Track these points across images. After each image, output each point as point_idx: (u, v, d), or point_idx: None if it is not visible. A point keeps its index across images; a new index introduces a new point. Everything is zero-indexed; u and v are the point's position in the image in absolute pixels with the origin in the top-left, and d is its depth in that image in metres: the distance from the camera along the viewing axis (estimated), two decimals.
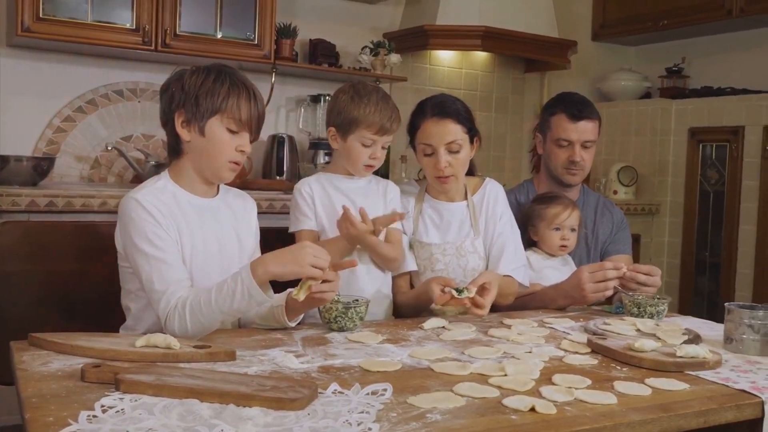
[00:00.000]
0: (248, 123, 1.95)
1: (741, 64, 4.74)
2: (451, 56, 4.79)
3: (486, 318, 2.22)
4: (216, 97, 1.93)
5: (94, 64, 3.74)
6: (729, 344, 1.94)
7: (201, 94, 1.93)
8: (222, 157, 1.96)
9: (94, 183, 3.73)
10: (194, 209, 2.00)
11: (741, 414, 1.54)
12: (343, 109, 2.24)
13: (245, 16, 3.70)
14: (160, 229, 1.89)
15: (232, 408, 1.31)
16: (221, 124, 1.94)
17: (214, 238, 2.01)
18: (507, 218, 2.44)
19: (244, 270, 1.74)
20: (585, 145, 2.72)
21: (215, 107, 1.93)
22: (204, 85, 1.94)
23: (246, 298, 1.73)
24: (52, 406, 1.29)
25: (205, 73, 1.96)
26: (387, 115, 2.24)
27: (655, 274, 2.37)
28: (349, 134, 2.25)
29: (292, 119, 4.28)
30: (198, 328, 1.78)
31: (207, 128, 1.94)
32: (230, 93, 1.93)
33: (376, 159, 2.27)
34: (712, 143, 4.60)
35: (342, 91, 2.30)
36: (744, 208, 4.38)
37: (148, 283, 1.85)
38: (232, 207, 2.11)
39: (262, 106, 2.00)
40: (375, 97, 2.25)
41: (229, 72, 1.98)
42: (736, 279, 4.44)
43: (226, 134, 1.95)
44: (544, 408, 1.40)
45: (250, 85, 1.98)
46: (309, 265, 1.73)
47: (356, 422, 1.28)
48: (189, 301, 1.78)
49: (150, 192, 1.95)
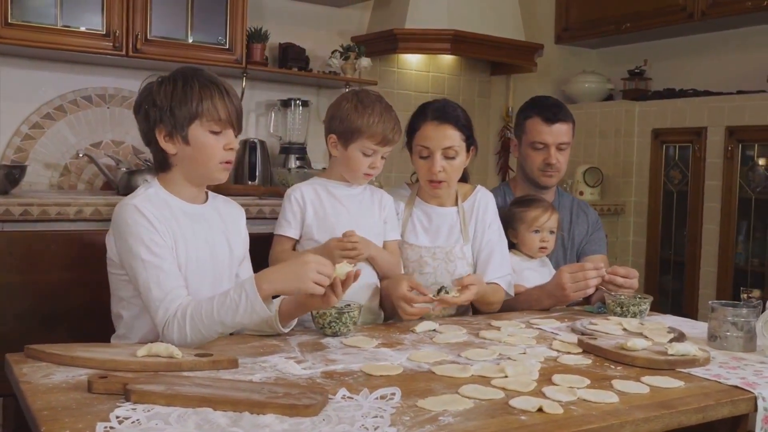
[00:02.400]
0: (229, 120, 1.95)
1: (702, 67, 4.85)
2: (418, 60, 4.82)
3: (474, 320, 2.25)
4: (190, 103, 1.91)
5: (61, 70, 3.69)
6: (713, 341, 2.00)
7: (175, 105, 1.92)
8: (212, 161, 1.96)
9: (64, 190, 3.68)
10: (186, 216, 1.99)
11: (736, 409, 1.59)
12: (346, 118, 2.24)
13: (216, 20, 3.68)
14: (157, 236, 1.88)
15: (247, 416, 1.31)
16: (202, 128, 1.93)
17: (205, 245, 2.01)
18: (496, 227, 2.47)
19: (248, 284, 1.74)
20: (560, 147, 2.76)
21: (192, 113, 1.91)
22: (175, 94, 1.92)
23: (249, 312, 1.74)
24: (66, 419, 1.28)
25: (173, 81, 1.94)
26: (390, 126, 2.24)
27: (632, 277, 2.43)
28: (351, 143, 2.25)
29: (262, 124, 4.27)
30: (197, 338, 1.78)
31: (190, 136, 1.93)
32: (203, 95, 1.91)
33: (375, 168, 2.28)
34: (675, 144, 4.70)
35: (345, 99, 2.30)
36: (707, 207, 4.47)
37: (145, 291, 1.84)
38: (222, 213, 2.10)
39: (238, 100, 1.99)
40: (379, 107, 2.25)
41: (196, 74, 1.96)
42: (700, 277, 4.53)
43: (210, 137, 1.94)
44: (552, 408, 1.43)
45: (220, 81, 1.97)
46: (311, 281, 1.74)
47: (372, 427, 1.29)
48: (190, 311, 1.78)
49: (145, 198, 1.94)
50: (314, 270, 1.74)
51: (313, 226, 2.29)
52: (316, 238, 2.28)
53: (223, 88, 1.95)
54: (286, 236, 2.31)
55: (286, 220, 2.31)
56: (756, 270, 4.28)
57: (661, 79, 5.07)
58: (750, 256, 4.32)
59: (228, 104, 1.94)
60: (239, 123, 1.99)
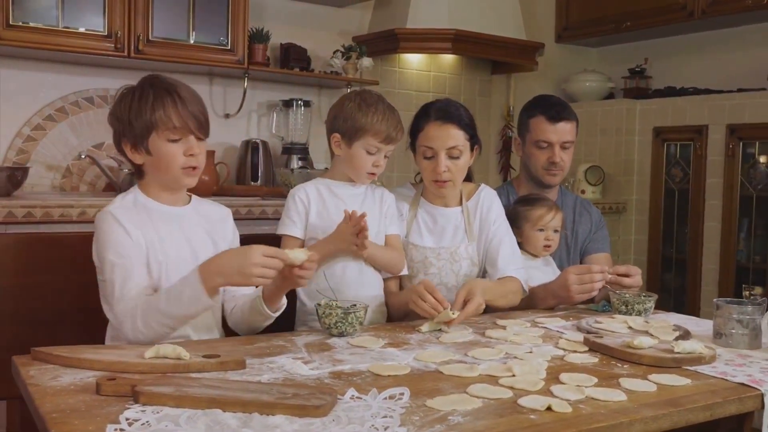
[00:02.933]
0: (185, 126, 1.95)
1: (703, 65, 4.86)
2: (419, 59, 4.82)
3: (479, 319, 2.25)
4: (145, 115, 1.93)
5: (62, 71, 3.69)
6: (719, 339, 2.00)
7: (132, 117, 1.95)
8: (174, 168, 1.97)
9: (66, 192, 3.68)
10: (165, 217, 2.02)
11: (743, 406, 1.59)
12: (350, 116, 2.25)
13: (218, 21, 3.68)
14: (128, 239, 1.92)
15: (257, 417, 1.31)
16: (159, 138, 1.94)
17: (186, 245, 2.03)
18: (501, 222, 2.47)
19: (192, 275, 1.79)
20: (564, 146, 2.77)
21: (148, 124, 1.93)
22: (131, 107, 1.95)
23: (194, 303, 1.79)
24: (75, 421, 1.28)
25: (131, 94, 1.97)
26: (393, 124, 2.26)
27: (634, 274, 2.43)
28: (355, 141, 2.25)
29: (264, 124, 4.27)
30: (150, 333, 1.82)
31: (150, 147, 1.95)
32: (155, 106, 1.93)
33: (378, 167, 2.29)
34: (677, 142, 4.71)
35: (348, 98, 2.31)
36: (708, 205, 4.48)
37: (110, 289, 1.89)
38: (206, 215, 2.12)
39: (196, 105, 1.98)
40: (381, 106, 2.27)
41: (153, 84, 1.98)
42: (701, 275, 4.54)
43: (170, 145, 1.95)
44: (560, 407, 1.43)
45: (174, 89, 1.97)
46: (254, 276, 1.77)
47: (383, 427, 1.29)
48: (142, 306, 1.83)
49: (121, 205, 1.99)
50: (258, 264, 1.76)
51: (317, 226, 2.29)
52: (319, 238, 2.28)
53: (176, 96, 1.95)
54: (293, 236, 2.31)
55: (290, 220, 2.31)
56: (758, 267, 4.29)
57: (661, 78, 5.07)
58: (752, 254, 4.33)
59: (182, 111, 1.94)
60: (201, 126, 1.98)
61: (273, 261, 1.79)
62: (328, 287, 2.16)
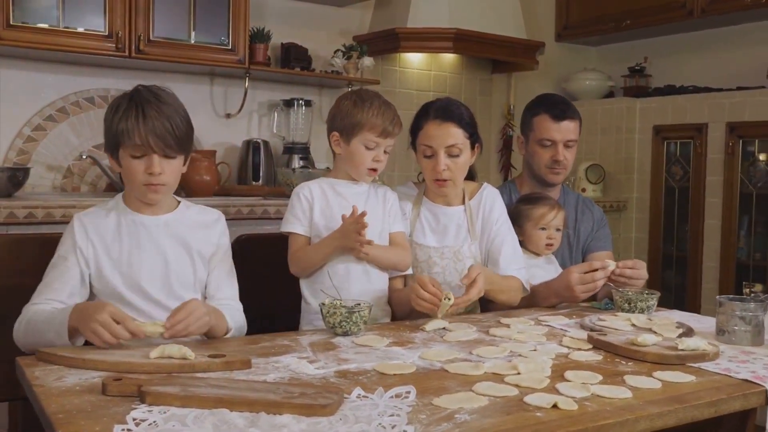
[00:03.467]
0: (146, 143, 1.91)
1: (702, 63, 4.86)
2: (419, 58, 4.83)
3: (483, 318, 2.26)
4: (113, 128, 1.94)
5: (62, 71, 3.68)
6: (721, 336, 2.00)
7: (107, 128, 1.97)
8: (134, 183, 1.97)
9: (67, 193, 3.67)
10: (137, 228, 2.01)
11: (747, 402, 1.59)
12: (347, 114, 2.27)
13: (219, 21, 3.68)
14: (73, 250, 1.95)
15: (264, 416, 1.31)
16: (125, 152, 1.94)
17: (158, 256, 2.00)
18: (504, 221, 2.47)
19: (66, 311, 1.77)
20: (567, 145, 2.77)
21: (116, 138, 1.94)
22: (109, 117, 1.96)
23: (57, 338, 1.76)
24: (81, 421, 1.28)
25: (115, 105, 1.96)
26: (389, 118, 2.27)
27: (640, 267, 2.44)
28: (353, 137, 2.26)
29: (265, 124, 4.27)
30: (29, 343, 1.83)
31: (120, 159, 1.97)
32: (121, 120, 1.92)
33: (379, 162, 2.29)
34: (677, 140, 4.71)
35: (344, 97, 2.33)
36: (708, 203, 4.49)
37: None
38: (191, 222, 2.09)
39: (163, 121, 1.92)
40: (377, 101, 2.28)
41: (132, 96, 1.96)
42: (702, 272, 4.55)
43: (132, 161, 1.94)
44: (566, 404, 1.43)
45: (145, 104, 1.92)
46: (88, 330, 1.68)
47: (390, 425, 1.29)
48: (29, 316, 1.85)
49: (93, 212, 2.02)
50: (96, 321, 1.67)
51: (320, 225, 2.29)
52: (323, 236, 2.28)
53: (141, 112, 1.91)
54: (297, 233, 2.31)
55: (296, 218, 2.31)
56: (758, 264, 4.29)
57: (661, 76, 5.08)
58: (752, 251, 4.34)
59: (142, 128, 1.90)
60: (165, 146, 1.93)
61: (113, 327, 1.67)
62: (332, 286, 2.16)
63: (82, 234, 1.97)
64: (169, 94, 2.01)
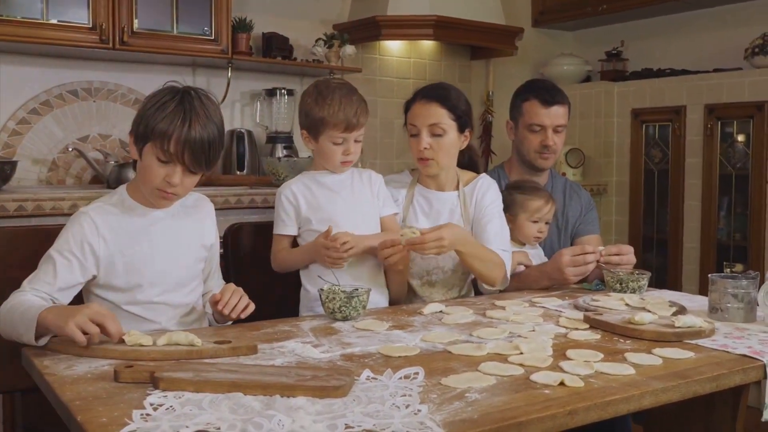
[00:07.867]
0: (177, 154, 1.86)
1: (679, 46, 4.91)
2: (399, 46, 4.83)
3: (477, 300, 2.29)
4: (150, 122, 1.86)
5: (45, 65, 3.65)
6: (714, 314, 2.04)
7: (144, 116, 1.89)
8: (149, 185, 1.92)
9: (53, 185, 3.65)
10: (143, 221, 1.99)
11: (747, 377, 1.64)
12: (309, 112, 2.26)
13: (201, 11, 3.66)
14: (80, 250, 1.90)
15: (279, 399, 1.33)
16: (152, 151, 1.89)
17: (164, 247, 2.00)
18: (496, 206, 2.48)
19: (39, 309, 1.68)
20: (557, 130, 2.81)
21: (148, 133, 1.87)
22: (151, 112, 1.87)
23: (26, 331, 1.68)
24: (99, 408, 1.30)
25: (161, 101, 1.88)
26: (352, 111, 2.23)
27: (626, 253, 2.47)
28: (319, 135, 2.26)
29: (248, 114, 4.26)
30: (5, 332, 1.77)
31: (143, 153, 1.91)
32: (164, 120, 1.85)
33: (350, 154, 2.28)
34: (655, 123, 4.76)
35: (307, 93, 2.30)
36: (688, 184, 4.54)
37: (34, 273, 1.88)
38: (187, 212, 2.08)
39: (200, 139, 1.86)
40: (338, 95, 2.23)
41: (181, 98, 1.89)
42: (683, 253, 4.60)
43: (155, 163, 1.89)
44: (573, 381, 1.46)
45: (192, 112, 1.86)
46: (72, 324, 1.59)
47: (404, 405, 1.32)
48: (10, 305, 1.78)
49: (101, 207, 1.97)
50: (86, 316, 1.62)
51: (311, 218, 2.29)
52: (315, 228, 2.28)
53: (187, 122, 1.85)
54: (284, 234, 2.33)
55: (281, 220, 2.33)
56: (738, 244, 4.36)
57: (638, 60, 5.12)
58: (732, 231, 4.40)
59: (182, 139, 1.84)
60: (195, 162, 1.88)
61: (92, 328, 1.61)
62: (330, 272, 2.18)
63: (92, 231, 1.91)
64: (216, 108, 1.96)
